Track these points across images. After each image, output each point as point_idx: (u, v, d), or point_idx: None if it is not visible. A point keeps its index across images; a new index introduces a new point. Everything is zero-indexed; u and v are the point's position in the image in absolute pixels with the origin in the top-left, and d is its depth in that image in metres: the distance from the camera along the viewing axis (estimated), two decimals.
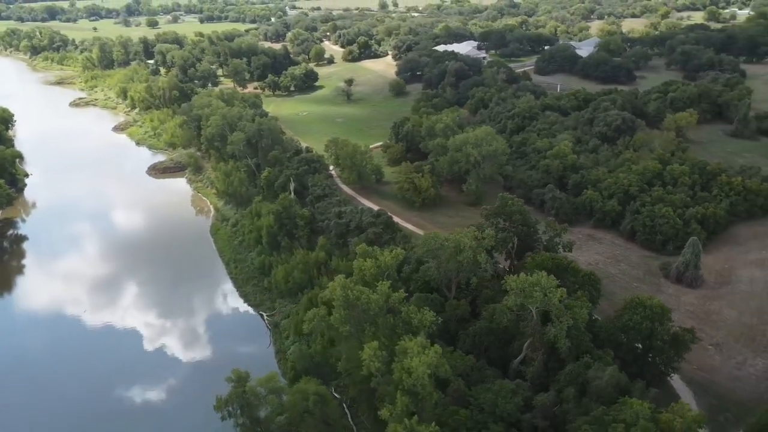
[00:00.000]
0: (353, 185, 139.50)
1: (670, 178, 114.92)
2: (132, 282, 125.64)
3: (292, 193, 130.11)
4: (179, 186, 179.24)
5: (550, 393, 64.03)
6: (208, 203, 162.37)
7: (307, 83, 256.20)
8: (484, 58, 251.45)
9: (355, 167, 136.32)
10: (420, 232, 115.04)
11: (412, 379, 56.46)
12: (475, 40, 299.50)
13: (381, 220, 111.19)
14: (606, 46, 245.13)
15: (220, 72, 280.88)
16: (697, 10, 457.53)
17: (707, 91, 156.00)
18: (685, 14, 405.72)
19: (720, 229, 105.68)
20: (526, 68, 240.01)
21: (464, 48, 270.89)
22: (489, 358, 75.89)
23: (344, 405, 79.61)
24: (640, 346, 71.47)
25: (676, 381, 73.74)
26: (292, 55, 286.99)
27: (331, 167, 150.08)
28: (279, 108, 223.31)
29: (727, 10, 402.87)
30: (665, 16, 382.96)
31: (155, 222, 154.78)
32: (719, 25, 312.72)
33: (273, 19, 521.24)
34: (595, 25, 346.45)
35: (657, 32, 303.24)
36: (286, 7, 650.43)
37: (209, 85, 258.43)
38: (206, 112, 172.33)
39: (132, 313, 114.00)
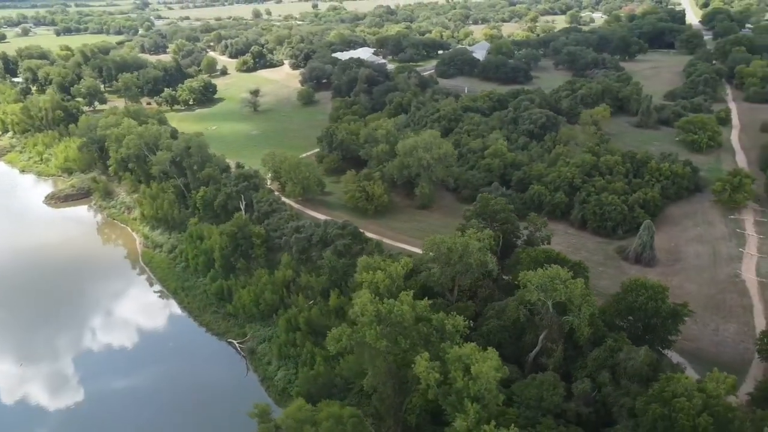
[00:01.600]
0: (296, 198, 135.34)
1: (606, 168, 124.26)
2: (65, 328, 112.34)
3: (243, 212, 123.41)
4: (86, 214, 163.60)
5: (584, 380, 66.56)
6: (129, 230, 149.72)
7: (207, 96, 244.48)
8: (384, 64, 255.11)
9: (299, 180, 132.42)
10: (382, 239, 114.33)
11: (479, 385, 56.13)
12: (369, 47, 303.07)
13: (348, 230, 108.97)
14: (498, 49, 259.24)
15: (101, 88, 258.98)
16: (555, 14, 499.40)
17: (609, 87, 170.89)
18: (549, 18, 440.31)
19: (657, 211, 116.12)
20: (427, 72, 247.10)
21: (362, 54, 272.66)
22: (502, 354, 77.15)
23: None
24: (640, 325, 76.48)
25: (669, 353, 79.84)
26: (183, 68, 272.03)
27: (269, 181, 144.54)
28: (183, 124, 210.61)
29: (583, 14, 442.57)
30: (534, 20, 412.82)
31: (71, 256, 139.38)
32: (586, 28, 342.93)
33: (142, 30, 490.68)
34: (478, 30, 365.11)
35: (536, 35, 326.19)
36: (152, 17, 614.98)
37: (96, 103, 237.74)
38: (116, 132, 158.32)
39: (79, 365, 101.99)
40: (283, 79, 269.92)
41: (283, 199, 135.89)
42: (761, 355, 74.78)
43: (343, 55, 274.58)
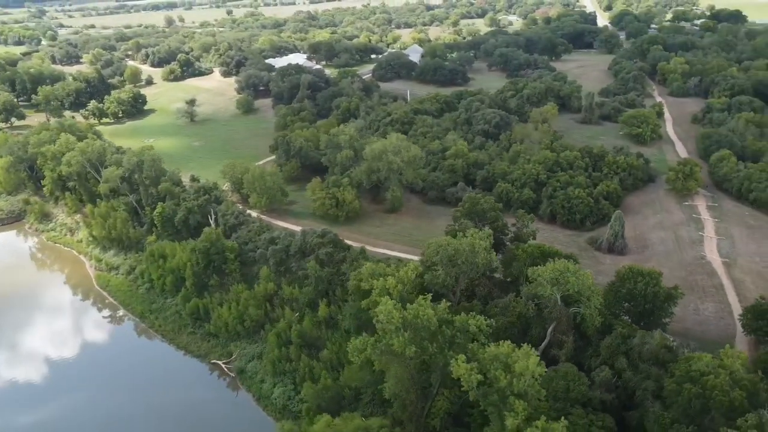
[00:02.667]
0: (261, 209, 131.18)
1: (566, 164, 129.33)
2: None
3: (214, 226, 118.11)
4: (18, 239, 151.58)
5: (603, 368, 68.79)
6: (76, 253, 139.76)
7: (137, 108, 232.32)
8: (321, 69, 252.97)
9: (264, 190, 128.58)
10: (357, 245, 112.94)
11: (522, 383, 56.65)
12: (301, 53, 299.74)
13: (328, 239, 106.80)
14: (432, 53, 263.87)
15: (16, 103, 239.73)
16: (472, 17, 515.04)
17: (551, 87, 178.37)
18: (469, 21, 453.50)
19: (619, 202, 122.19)
20: (365, 77, 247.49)
21: (296, 60, 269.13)
22: None
23: None
24: (638, 311, 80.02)
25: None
26: (105, 79, 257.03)
27: (228, 193, 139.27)
28: (116, 138, 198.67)
29: (501, 17, 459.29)
30: (456, 24, 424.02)
31: (11, 285, 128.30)
32: (511, 30, 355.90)
33: (45, 40, 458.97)
34: (405, 33, 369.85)
35: (462, 38, 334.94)
36: (53, 26, 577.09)
37: (12, 119, 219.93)
38: (52, 149, 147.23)
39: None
40: (215, 88, 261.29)
41: (248, 211, 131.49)
42: (746, 330, 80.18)
43: (277, 62, 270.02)
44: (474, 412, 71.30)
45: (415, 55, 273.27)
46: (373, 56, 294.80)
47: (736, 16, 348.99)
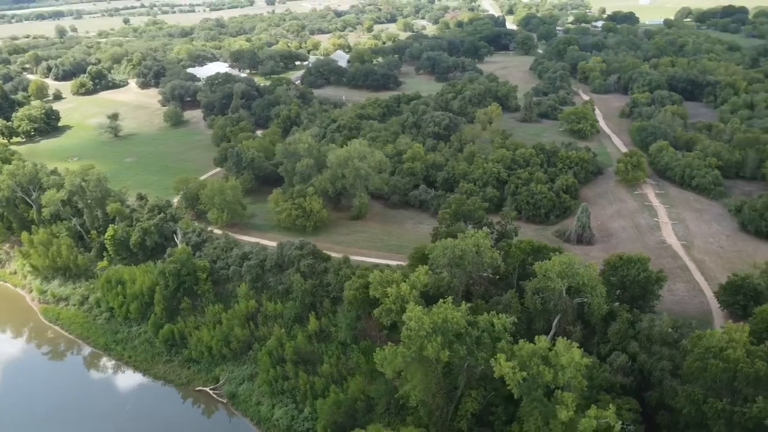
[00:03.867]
0: (222, 225, 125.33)
1: (523, 161, 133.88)
2: None
3: (181, 245, 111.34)
4: None
5: (618, 353, 71.73)
6: (10, 287, 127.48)
7: (50, 125, 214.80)
8: (251, 78, 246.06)
9: (224, 204, 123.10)
10: (337, 255, 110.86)
11: (567, 375, 57.93)
12: (222, 61, 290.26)
13: (307, 250, 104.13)
14: (359, 58, 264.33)
15: None
16: (382, 23, 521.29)
17: (489, 88, 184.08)
18: (382, 26, 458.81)
19: (576, 195, 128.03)
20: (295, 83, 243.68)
21: (217, 69, 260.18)
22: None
23: None
24: (630, 295, 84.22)
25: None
26: (9, 94, 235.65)
27: (180, 210, 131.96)
28: (35, 159, 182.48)
29: (413, 22, 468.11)
30: (370, 29, 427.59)
31: None
32: (430, 34, 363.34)
33: None
34: (324, 39, 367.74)
35: (382, 43, 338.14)
36: None
37: None
38: None
39: None
40: (135, 101, 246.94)
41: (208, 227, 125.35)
42: (723, 305, 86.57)
43: (199, 71, 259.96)
44: (497, 411, 72.21)
45: (340, 61, 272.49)
46: (297, 63, 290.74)
47: (631, 18, 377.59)
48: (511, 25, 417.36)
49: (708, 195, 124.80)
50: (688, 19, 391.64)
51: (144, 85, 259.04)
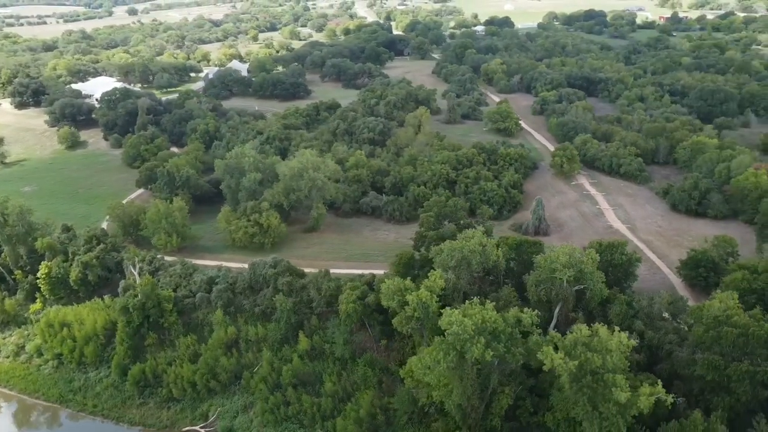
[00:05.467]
0: (171, 250, 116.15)
1: (466, 161, 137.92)
2: None
3: (138, 276, 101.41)
4: None
5: (625, 332, 76.13)
6: None
7: None
8: (152, 93, 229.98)
9: (173, 228, 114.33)
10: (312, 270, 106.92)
11: (615, 358, 60.72)
12: (107, 76, 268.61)
13: (282, 267, 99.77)
14: (261, 67, 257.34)
15: None
16: (263, 31, 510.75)
17: (410, 92, 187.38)
18: (267, 35, 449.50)
19: (521, 189, 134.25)
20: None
21: (105, 84, 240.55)
22: None
23: None
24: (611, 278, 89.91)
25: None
26: None
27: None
28: None
29: (298, 29, 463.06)
30: (255, 38, 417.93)
31: None
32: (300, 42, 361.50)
33: None
34: (213, 50, 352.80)
35: (276, 51, 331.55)
36: None
37: None
38: None
39: None
40: (14, 122, 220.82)
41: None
42: (685, 279, 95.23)
43: (86, 88, 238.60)
44: (524, 404, 73.92)
45: (242, 69, 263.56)
46: (192, 74, 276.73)
47: (507, 22, 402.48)
48: (396, 31, 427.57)
49: (635, 181, 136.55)
50: (557, 23, 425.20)
51: (21, 105, 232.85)
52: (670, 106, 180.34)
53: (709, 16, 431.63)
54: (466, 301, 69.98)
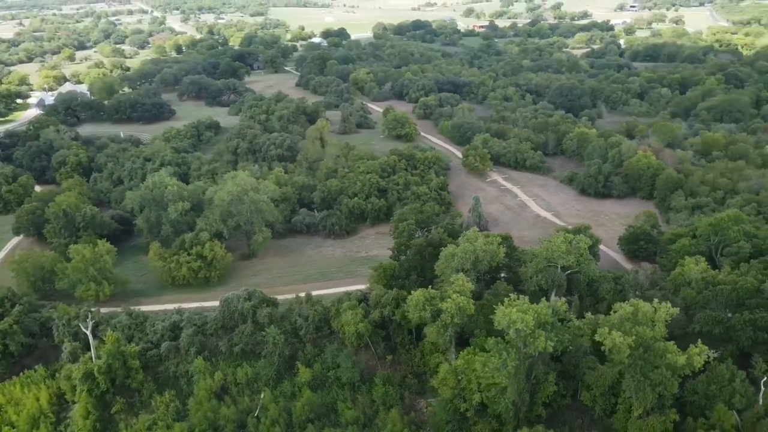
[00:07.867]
0: (102, 300, 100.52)
1: (390, 168, 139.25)
2: None
3: (90, 339, 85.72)
4: None
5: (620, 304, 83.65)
6: None
7: None
8: None
9: (103, 274, 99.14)
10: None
11: (662, 329, 66.59)
12: None
13: (258, 298, 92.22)
14: (108, 88, 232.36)
15: None
16: (72, 49, 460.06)
17: (300, 105, 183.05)
18: (84, 53, 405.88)
19: (447, 190, 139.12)
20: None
21: None
22: None
23: None
24: None
25: None
26: None
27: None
28: None
29: (120, 47, 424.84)
30: (71, 58, 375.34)
31: None
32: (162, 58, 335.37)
33: None
34: (32, 72, 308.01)
35: (110, 71, 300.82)
36: None
37: None
38: None
39: None
40: None
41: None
42: (626, 253, 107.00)
43: None
44: (557, 389, 77.35)
45: (85, 93, 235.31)
46: (19, 101, 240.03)
47: (343, 33, 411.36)
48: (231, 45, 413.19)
49: (540, 172, 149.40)
50: (389, 33, 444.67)
51: None
52: (531, 104, 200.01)
53: (519, 24, 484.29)
54: (505, 299, 71.37)
